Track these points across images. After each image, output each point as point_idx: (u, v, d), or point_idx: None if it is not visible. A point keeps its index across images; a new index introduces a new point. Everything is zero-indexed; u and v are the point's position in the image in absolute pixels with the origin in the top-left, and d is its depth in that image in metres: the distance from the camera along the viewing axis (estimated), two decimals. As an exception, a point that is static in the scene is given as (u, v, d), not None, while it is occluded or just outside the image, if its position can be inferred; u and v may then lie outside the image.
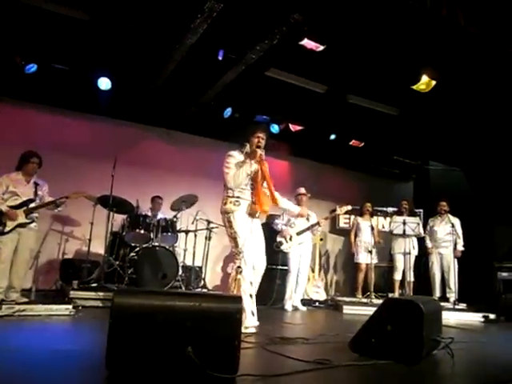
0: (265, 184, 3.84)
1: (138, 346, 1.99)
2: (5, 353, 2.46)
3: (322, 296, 6.92)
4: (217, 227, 6.30)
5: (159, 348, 1.99)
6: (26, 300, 4.37)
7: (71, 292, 4.86)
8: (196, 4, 4.35)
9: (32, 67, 5.95)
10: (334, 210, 6.26)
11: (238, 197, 3.75)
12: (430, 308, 2.79)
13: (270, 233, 6.82)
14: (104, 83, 6.19)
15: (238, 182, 3.69)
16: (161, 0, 4.68)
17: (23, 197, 4.57)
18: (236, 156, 3.81)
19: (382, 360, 2.61)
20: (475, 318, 5.85)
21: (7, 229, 4.40)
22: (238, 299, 2.21)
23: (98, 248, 6.00)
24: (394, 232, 6.88)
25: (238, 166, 3.72)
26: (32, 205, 4.59)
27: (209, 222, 6.38)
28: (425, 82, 5.68)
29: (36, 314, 3.78)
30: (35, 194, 4.67)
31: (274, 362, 2.61)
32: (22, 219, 4.50)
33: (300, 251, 6.10)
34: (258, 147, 3.75)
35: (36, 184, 4.72)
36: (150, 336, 2.00)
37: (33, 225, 4.64)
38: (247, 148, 3.85)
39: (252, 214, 3.76)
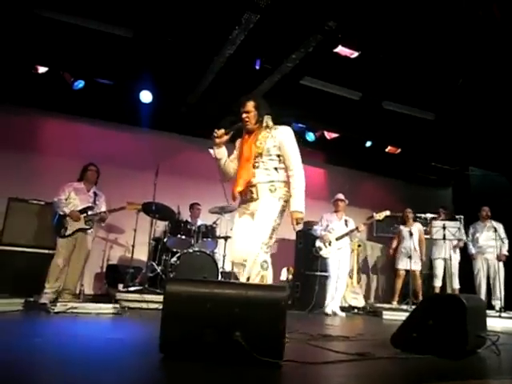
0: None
1: (189, 331, 2.11)
2: (64, 339, 2.64)
3: (361, 302, 6.86)
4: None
5: (209, 332, 2.11)
6: (79, 300, 4.62)
7: (117, 294, 5.05)
8: (234, 16, 4.55)
9: (79, 83, 6.33)
10: (372, 217, 6.26)
11: None
12: (472, 304, 2.77)
13: (307, 239, 6.90)
14: (145, 96, 6.49)
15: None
16: (200, 14, 4.91)
17: (82, 204, 4.95)
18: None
19: (424, 355, 2.61)
20: (523, 325, 5.65)
21: (68, 232, 4.80)
22: (283, 288, 2.29)
23: (141, 254, 6.23)
24: (434, 237, 6.77)
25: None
26: (90, 212, 4.98)
27: (247, 229, 6.44)
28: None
29: (87, 311, 3.98)
30: (94, 202, 5.06)
31: (316, 354, 2.66)
32: (82, 224, 4.89)
33: (339, 256, 6.07)
34: (244, 121, 3.32)
35: (95, 194, 5.12)
36: (201, 321, 2.12)
37: (89, 230, 5.01)
38: None
39: (233, 199, 3.31)
